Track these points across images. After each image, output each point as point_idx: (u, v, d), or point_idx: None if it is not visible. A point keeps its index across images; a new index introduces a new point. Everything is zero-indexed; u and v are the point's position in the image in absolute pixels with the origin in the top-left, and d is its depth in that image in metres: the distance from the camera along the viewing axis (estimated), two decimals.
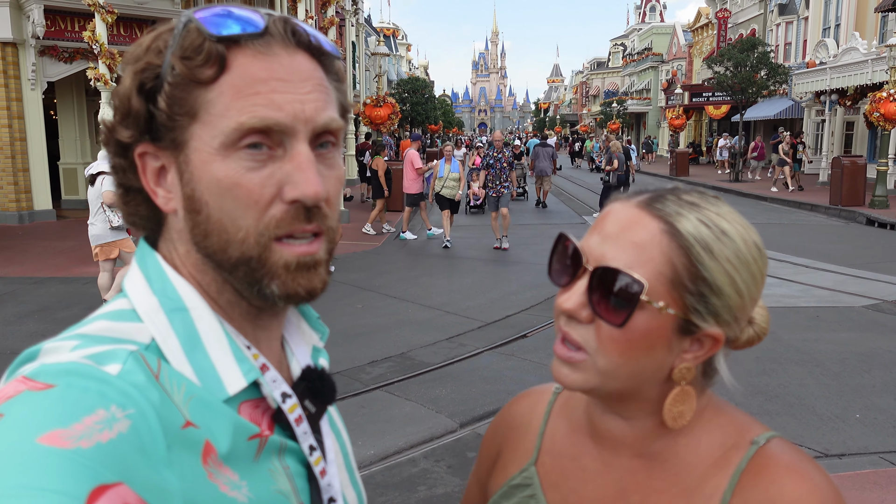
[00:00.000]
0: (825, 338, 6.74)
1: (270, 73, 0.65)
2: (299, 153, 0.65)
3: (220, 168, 0.64)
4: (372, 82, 22.98)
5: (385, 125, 16.83)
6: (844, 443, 4.53)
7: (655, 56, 55.47)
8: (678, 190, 0.82)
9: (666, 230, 0.76)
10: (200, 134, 0.64)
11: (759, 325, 0.83)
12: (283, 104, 0.64)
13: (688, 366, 0.79)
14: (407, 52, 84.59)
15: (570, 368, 0.80)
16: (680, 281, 0.76)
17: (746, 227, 0.79)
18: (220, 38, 0.64)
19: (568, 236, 0.83)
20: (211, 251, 0.67)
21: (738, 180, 25.81)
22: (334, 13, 16.01)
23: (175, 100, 0.64)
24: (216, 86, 0.64)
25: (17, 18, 13.52)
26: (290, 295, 0.67)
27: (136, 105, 0.65)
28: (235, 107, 0.63)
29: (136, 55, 0.67)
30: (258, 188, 0.64)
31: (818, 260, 10.58)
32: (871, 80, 19.67)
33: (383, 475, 4.17)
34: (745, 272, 0.77)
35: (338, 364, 5.96)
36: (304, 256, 0.67)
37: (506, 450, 1.01)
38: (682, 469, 0.83)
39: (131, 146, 0.68)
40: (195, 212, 0.66)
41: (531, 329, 7.18)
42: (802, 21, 31.45)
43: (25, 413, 0.53)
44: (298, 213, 0.66)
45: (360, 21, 27.92)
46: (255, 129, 0.64)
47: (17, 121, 13.86)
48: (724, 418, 0.85)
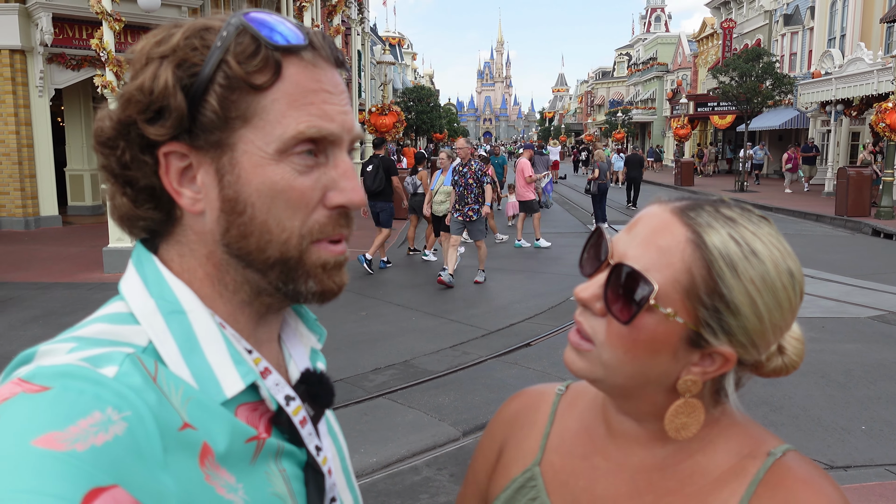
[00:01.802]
0: (831, 349, 6.70)
1: (320, 85, 0.67)
2: (344, 161, 0.70)
3: (274, 171, 0.65)
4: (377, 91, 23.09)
5: (390, 133, 16.89)
6: (850, 455, 4.50)
7: (660, 66, 55.60)
8: (720, 202, 0.81)
9: (692, 239, 0.76)
10: (252, 138, 0.65)
11: (790, 358, 0.81)
12: (334, 115, 0.68)
13: (693, 379, 0.78)
14: (412, 61, 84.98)
15: (578, 355, 0.82)
16: (696, 292, 0.75)
17: (784, 253, 0.77)
18: (276, 47, 0.65)
19: (603, 230, 0.84)
20: (246, 251, 0.67)
21: (744, 190, 25.77)
22: (340, 22, 16.09)
23: (229, 102, 0.64)
24: (270, 92, 0.65)
25: (25, 26, 13.64)
26: (325, 291, 0.71)
27: (178, 102, 0.63)
28: (292, 115, 0.65)
29: (166, 49, 0.64)
30: (309, 191, 0.67)
31: (824, 270, 10.53)
32: (877, 91, 19.66)
33: (385, 483, 4.15)
34: (769, 297, 0.75)
35: (341, 371, 5.95)
36: (339, 256, 0.71)
37: (508, 449, 1.00)
38: (696, 472, 0.82)
39: (159, 144, 0.65)
40: (237, 213, 0.66)
41: (535, 338, 7.16)
42: (808, 31, 31.49)
43: (21, 415, 0.53)
44: (339, 218, 0.70)
45: (365, 30, 28.04)
46: (312, 138, 0.66)
47: (24, 127, 13.95)
48: (740, 428, 0.85)
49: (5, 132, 13.83)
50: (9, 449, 0.50)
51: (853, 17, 26.59)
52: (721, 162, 41.12)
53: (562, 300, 8.78)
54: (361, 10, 25.76)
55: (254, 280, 0.69)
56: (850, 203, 17.23)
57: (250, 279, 0.69)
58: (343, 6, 15.91)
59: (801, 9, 32.23)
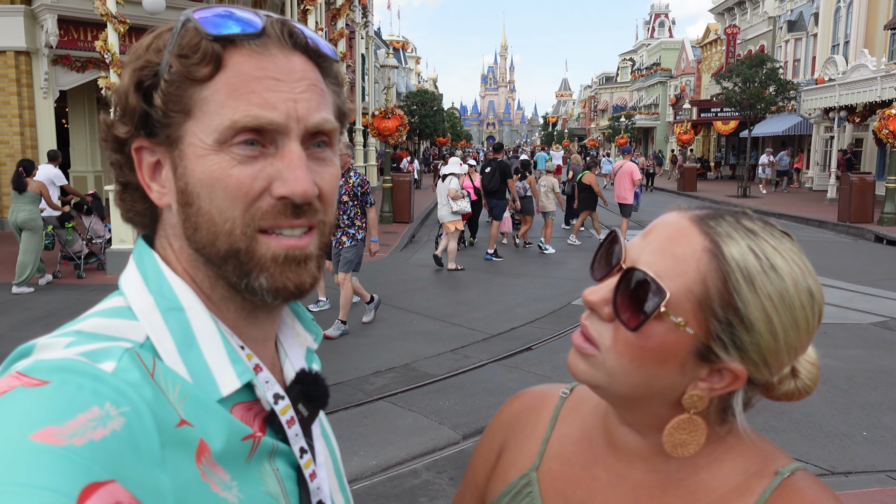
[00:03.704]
0: (832, 354, 6.69)
1: (265, 72, 0.66)
2: (290, 151, 0.66)
3: (213, 161, 0.65)
4: (381, 94, 23.08)
5: (393, 137, 16.92)
6: (851, 460, 4.49)
7: (664, 71, 55.58)
8: (741, 214, 0.78)
9: (709, 249, 0.73)
10: (195, 130, 0.66)
11: (804, 382, 0.78)
12: (277, 103, 0.65)
13: (700, 394, 0.76)
14: (416, 65, 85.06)
15: (581, 359, 0.80)
16: (709, 304, 0.72)
17: (805, 271, 0.74)
18: (217, 38, 0.65)
19: (618, 234, 0.82)
20: (201, 244, 0.68)
21: (746, 196, 25.73)
22: (344, 25, 16.13)
23: (171, 97, 0.66)
24: (211, 84, 0.65)
25: (30, 28, 13.69)
26: (278, 289, 0.68)
27: (132, 101, 0.67)
28: (230, 105, 0.65)
29: (136, 54, 0.68)
30: (248, 181, 0.65)
31: (826, 276, 10.50)
32: (880, 97, 19.62)
33: (385, 486, 4.15)
34: (786, 315, 0.72)
35: (341, 374, 5.95)
36: (293, 250, 0.68)
37: (507, 451, 0.99)
38: (700, 489, 0.80)
39: (128, 142, 0.69)
40: (187, 205, 0.67)
41: (536, 342, 7.15)
42: (811, 38, 31.47)
43: (19, 409, 0.53)
44: (286, 209, 0.67)
45: (369, 34, 28.08)
46: (248, 127, 0.65)
47: (28, 129, 13.99)
48: (747, 444, 0.81)
49: (10, 133, 13.88)
50: (7, 443, 0.50)
51: (857, 24, 26.56)
52: (724, 167, 41.08)
53: (564, 304, 8.77)
54: (365, 13, 25.82)
55: (221, 275, 0.69)
56: (853, 209, 17.19)
57: (218, 274, 0.69)
58: (347, 10, 15.96)
59: (805, 15, 32.23)
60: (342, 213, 7.28)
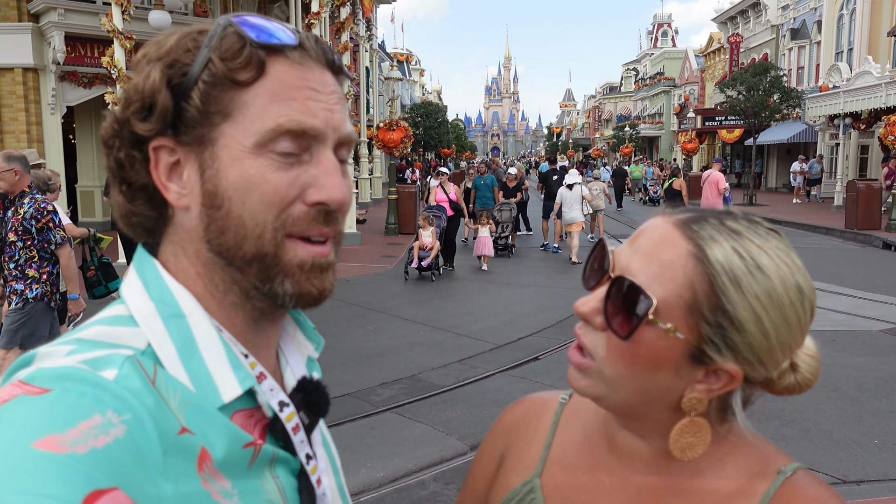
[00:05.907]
0: (842, 362, 6.64)
1: (305, 83, 0.68)
2: (327, 159, 0.69)
3: (251, 165, 0.66)
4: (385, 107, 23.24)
5: (398, 149, 17.00)
6: (863, 469, 4.44)
7: (668, 80, 55.67)
8: (724, 214, 0.78)
9: (694, 253, 0.74)
10: (232, 133, 0.66)
11: (804, 375, 0.78)
12: (317, 111, 0.68)
13: (698, 396, 0.76)
14: (420, 78, 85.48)
15: (580, 374, 0.80)
16: (698, 308, 0.73)
17: (792, 268, 0.74)
18: (261, 45, 0.66)
19: (606, 242, 0.82)
20: (225, 248, 0.68)
21: (752, 203, 25.68)
22: (348, 38, 16.24)
23: (210, 98, 0.66)
24: (252, 88, 0.66)
25: (38, 44, 13.82)
26: (302, 294, 0.69)
27: (164, 99, 0.66)
28: (273, 109, 0.66)
29: (162, 52, 0.67)
30: (286, 187, 0.66)
31: (834, 283, 10.46)
32: (885, 104, 19.59)
33: (393, 498, 4.13)
34: (775, 313, 0.73)
35: (348, 385, 5.94)
36: (319, 258, 0.69)
37: (508, 458, 0.98)
38: (703, 491, 0.80)
39: (147, 140, 0.68)
40: (215, 207, 0.67)
41: (543, 351, 7.13)
42: (815, 45, 31.50)
43: (21, 417, 0.53)
44: (318, 216, 0.68)
45: (373, 47, 28.27)
46: (291, 131, 0.66)
47: (36, 144, 14.08)
48: (750, 445, 0.82)
49: (18, 149, 13.94)
50: (9, 451, 0.50)
51: (860, 31, 26.57)
52: (730, 175, 41.04)
53: (570, 314, 8.74)
54: (370, 27, 25.97)
55: (238, 280, 0.69)
56: (860, 216, 17.12)
57: (236, 279, 0.69)
58: (351, 23, 16.07)
59: (808, 23, 32.26)
60: (10, 259, 4.98)
